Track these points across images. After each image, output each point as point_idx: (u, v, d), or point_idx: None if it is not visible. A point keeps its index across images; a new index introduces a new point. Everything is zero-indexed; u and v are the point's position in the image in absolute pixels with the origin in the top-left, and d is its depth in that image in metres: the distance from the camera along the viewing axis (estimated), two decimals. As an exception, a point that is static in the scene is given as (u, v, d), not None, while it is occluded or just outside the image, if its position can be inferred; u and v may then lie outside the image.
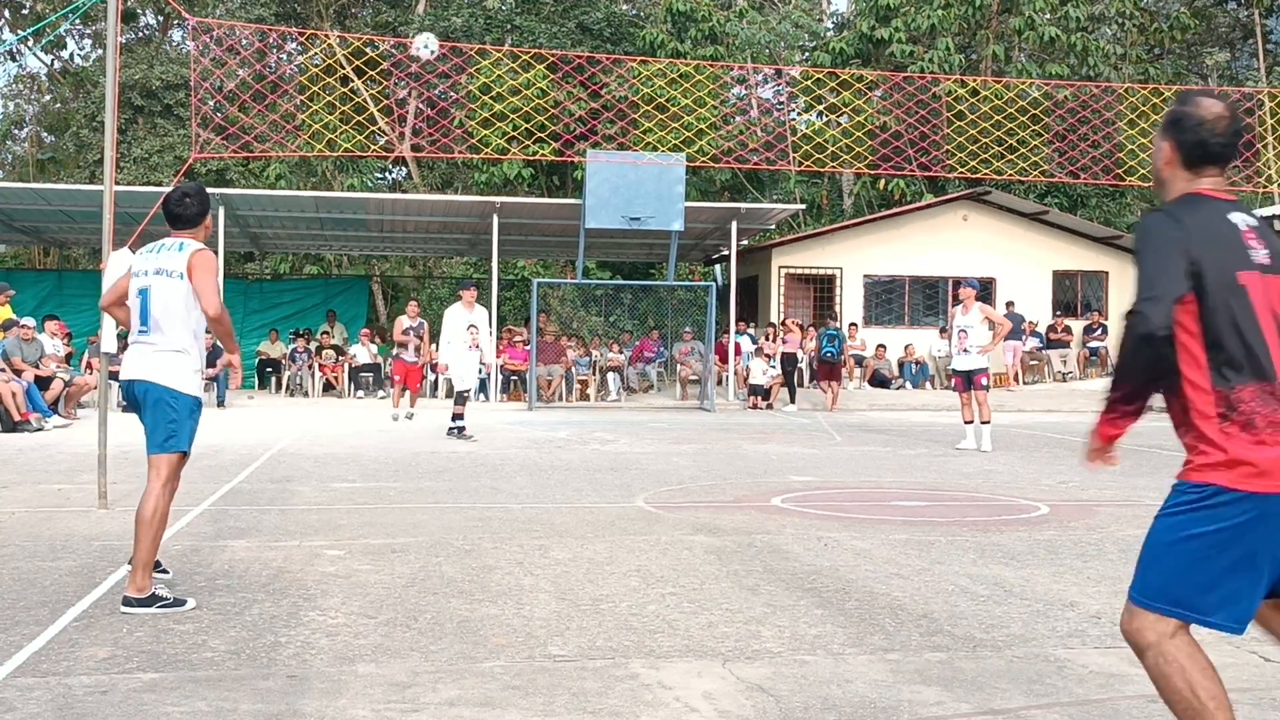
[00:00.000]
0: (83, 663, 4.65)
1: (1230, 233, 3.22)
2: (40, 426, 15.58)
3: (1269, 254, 3.21)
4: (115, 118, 9.18)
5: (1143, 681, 4.54)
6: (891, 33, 32.40)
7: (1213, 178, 3.33)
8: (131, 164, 32.37)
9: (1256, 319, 3.14)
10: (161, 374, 5.67)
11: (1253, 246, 3.20)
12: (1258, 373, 3.12)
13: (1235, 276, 3.15)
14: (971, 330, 14.06)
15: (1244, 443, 3.09)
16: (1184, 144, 3.32)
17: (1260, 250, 3.20)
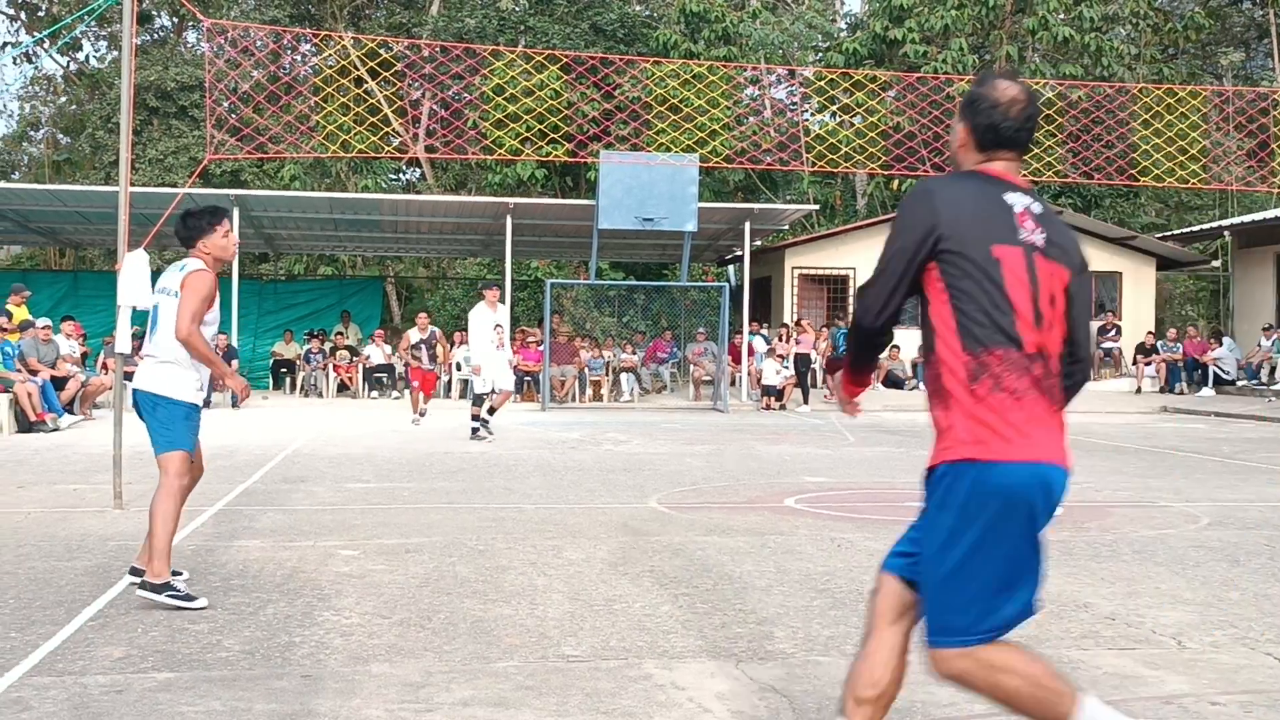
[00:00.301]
0: (98, 662, 4.67)
1: (996, 209, 3.18)
2: (56, 427, 15.65)
3: (1047, 238, 3.18)
4: (130, 119, 9.21)
5: (1156, 683, 4.54)
6: (905, 33, 32.36)
7: (1005, 161, 3.29)
8: (147, 165, 32.49)
9: (1006, 291, 3.11)
10: (156, 383, 5.99)
11: (1024, 226, 3.16)
12: (1007, 340, 3.10)
13: (989, 249, 3.12)
14: None
15: (992, 406, 3.09)
16: (977, 127, 3.27)
17: (1034, 232, 3.17)
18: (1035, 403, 3.09)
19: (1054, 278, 3.19)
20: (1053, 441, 3.12)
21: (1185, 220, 35.72)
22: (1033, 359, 3.11)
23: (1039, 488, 3.08)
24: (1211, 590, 6.21)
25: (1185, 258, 29.68)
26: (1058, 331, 3.19)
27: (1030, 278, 3.14)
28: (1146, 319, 28.67)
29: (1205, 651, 5.01)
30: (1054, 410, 3.14)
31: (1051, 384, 3.14)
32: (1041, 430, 3.09)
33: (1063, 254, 3.22)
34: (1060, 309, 3.20)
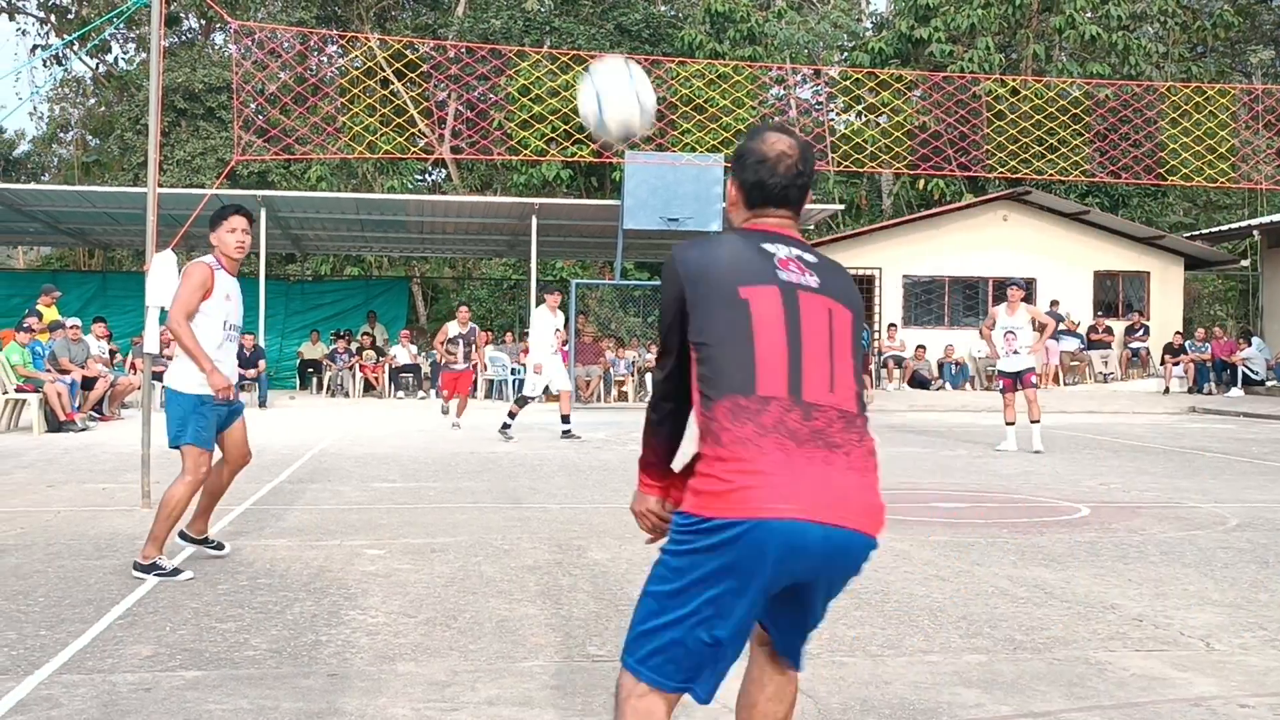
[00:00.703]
0: (126, 660, 4.70)
1: (751, 255, 2.88)
2: (85, 426, 15.76)
3: (818, 281, 2.89)
4: (158, 121, 9.27)
5: (1184, 685, 4.51)
6: (931, 32, 32.26)
7: (777, 219, 3.00)
8: (174, 166, 32.68)
9: (751, 332, 2.78)
10: (168, 377, 6.43)
11: (785, 270, 2.87)
12: (736, 386, 2.77)
13: (736, 291, 2.81)
14: (1020, 331, 13.91)
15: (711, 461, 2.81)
16: (744, 183, 3.00)
17: (800, 274, 2.88)
18: (784, 449, 2.72)
19: (833, 315, 2.88)
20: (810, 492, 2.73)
21: (1213, 220, 35.49)
22: (776, 401, 2.76)
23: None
24: (1240, 592, 6.17)
25: (1213, 257, 29.49)
26: (842, 372, 2.85)
27: (787, 315, 2.82)
28: (1174, 319, 28.50)
29: (1234, 653, 4.98)
30: (828, 461, 2.75)
31: (819, 429, 2.76)
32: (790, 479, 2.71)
33: (840, 295, 2.92)
34: (845, 348, 2.88)
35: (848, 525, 2.73)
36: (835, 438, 2.76)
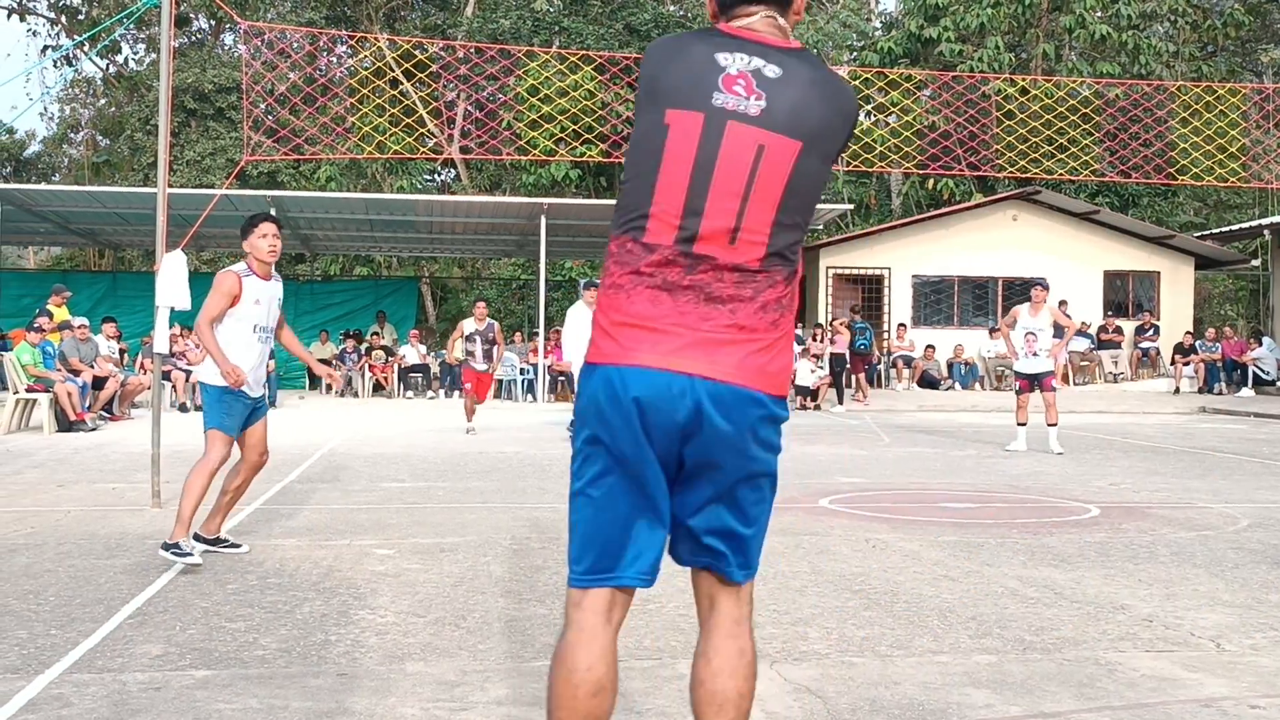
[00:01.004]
0: (137, 659, 4.71)
1: (698, 67, 2.60)
2: (95, 426, 15.79)
3: (767, 105, 2.57)
4: (168, 121, 9.29)
5: (1195, 686, 4.50)
6: (940, 32, 32.23)
7: (758, 16, 2.70)
8: (184, 166, 32.76)
9: (659, 165, 2.58)
10: (200, 372, 6.97)
11: (726, 90, 2.57)
12: (628, 226, 2.63)
13: (663, 113, 2.59)
14: (1041, 333, 13.70)
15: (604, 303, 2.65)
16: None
17: (740, 99, 2.57)
18: (654, 300, 2.57)
19: (764, 152, 2.57)
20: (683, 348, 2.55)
21: (1224, 219, 35.41)
22: (660, 249, 2.57)
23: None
24: (1251, 592, 6.15)
25: (1224, 257, 29.42)
26: (754, 221, 2.57)
27: (701, 149, 2.56)
28: (1185, 319, 28.44)
29: (1245, 654, 4.96)
30: (706, 316, 2.56)
31: (702, 283, 2.55)
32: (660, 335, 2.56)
33: (791, 121, 2.58)
34: (772, 191, 2.57)
35: (715, 376, 2.54)
36: (720, 292, 2.56)
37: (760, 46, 2.65)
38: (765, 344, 2.59)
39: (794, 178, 2.59)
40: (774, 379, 2.61)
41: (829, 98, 2.63)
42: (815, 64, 2.68)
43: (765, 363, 2.59)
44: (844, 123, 2.67)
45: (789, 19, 2.75)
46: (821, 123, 2.61)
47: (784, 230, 2.60)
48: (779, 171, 2.57)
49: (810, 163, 2.60)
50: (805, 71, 2.63)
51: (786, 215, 2.59)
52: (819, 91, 2.62)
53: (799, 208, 2.62)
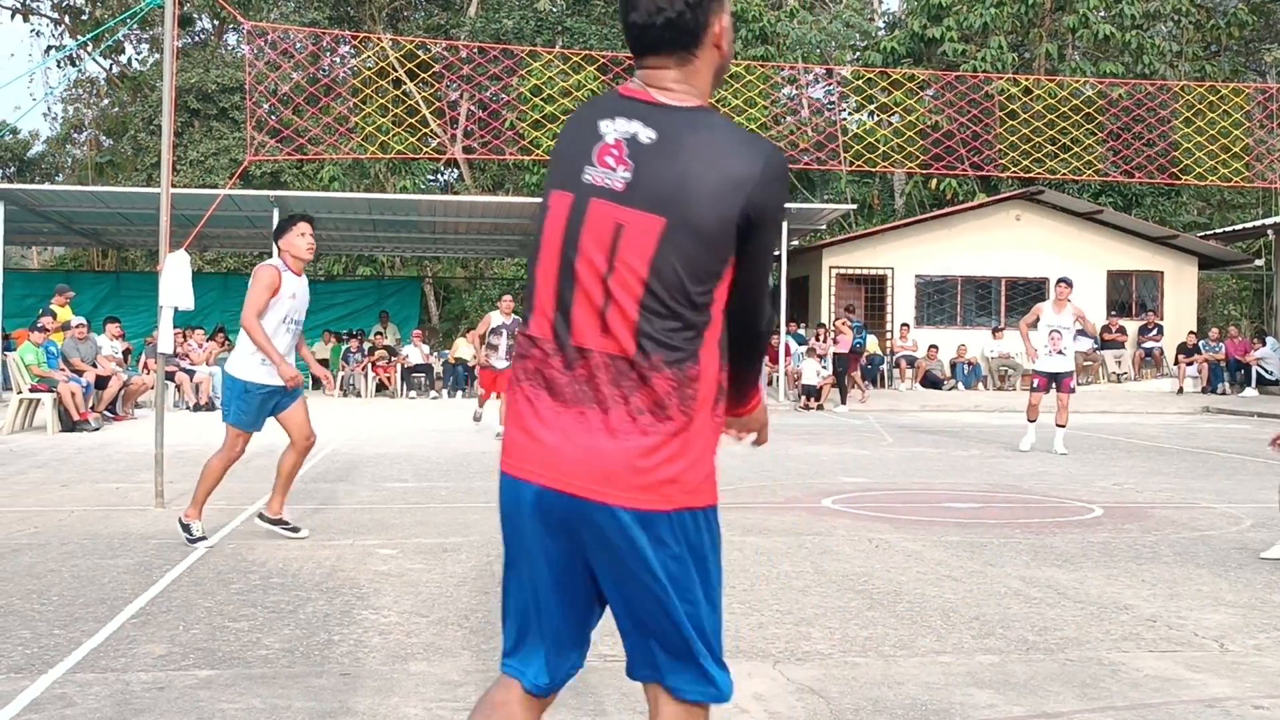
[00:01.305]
0: (140, 659, 4.71)
1: (581, 140, 2.44)
2: (99, 426, 15.81)
3: (632, 178, 2.34)
4: (172, 121, 9.29)
5: (1198, 686, 4.50)
6: (943, 31, 32.21)
7: (654, 70, 2.43)
8: (188, 167, 32.78)
9: (539, 252, 2.44)
10: (228, 364, 7.26)
11: (598, 163, 2.38)
12: (523, 318, 2.48)
13: (549, 194, 2.46)
14: (1065, 332, 13.49)
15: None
16: (622, 25, 2.47)
17: (609, 172, 2.36)
18: (533, 400, 2.41)
19: (622, 231, 2.34)
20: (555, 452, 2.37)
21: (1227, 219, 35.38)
22: (540, 343, 2.42)
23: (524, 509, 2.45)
24: (1255, 592, 6.15)
25: (1227, 257, 29.39)
26: (621, 306, 2.33)
27: (567, 233, 2.39)
28: (1188, 319, 28.42)
29: (1248, 654, 4.96)
30: (582, 418, 2.35)
31: (582, 378, 2.36)
32: (540, 438, 2.39)
33: (654, 195, 2.32)
34: (634, 275, 2.32)
35: (574, 491, 2.33)
36: (599, 390, 2.33)
37: (645, 107, 2.40)
38: (643, 447, 2.31)
39: (657, 259, 2.30)
40: (663, 489, 2.33)
41: (711, 164, 2.31)
42: (707, 125, 2.37)
43: (635, 469, 2.31)
44: (733, 191, 2.30)
45: (698, 61, 2.43)
46: (696, 196, 2.30)
47: (659, 317, 2.32)
48: (639, 253, 2.32)
49: (681, 242, 2.30)
50: (687, 135, 2.34)
51: (657, 301, 2.31)
52: (699, 159, 2.32)
53: (675, 291, 2.31)
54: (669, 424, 2.33)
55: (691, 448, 2.36)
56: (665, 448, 2.32)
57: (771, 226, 2.38)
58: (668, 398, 2.32)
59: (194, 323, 22.14)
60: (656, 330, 2.32)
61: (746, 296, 2.41)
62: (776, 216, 2.39)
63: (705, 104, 2.44)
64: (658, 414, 2.32)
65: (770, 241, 2.39)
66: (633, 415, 2.32)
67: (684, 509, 2.35)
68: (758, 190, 2.32)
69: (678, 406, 2.33)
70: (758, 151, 2.34)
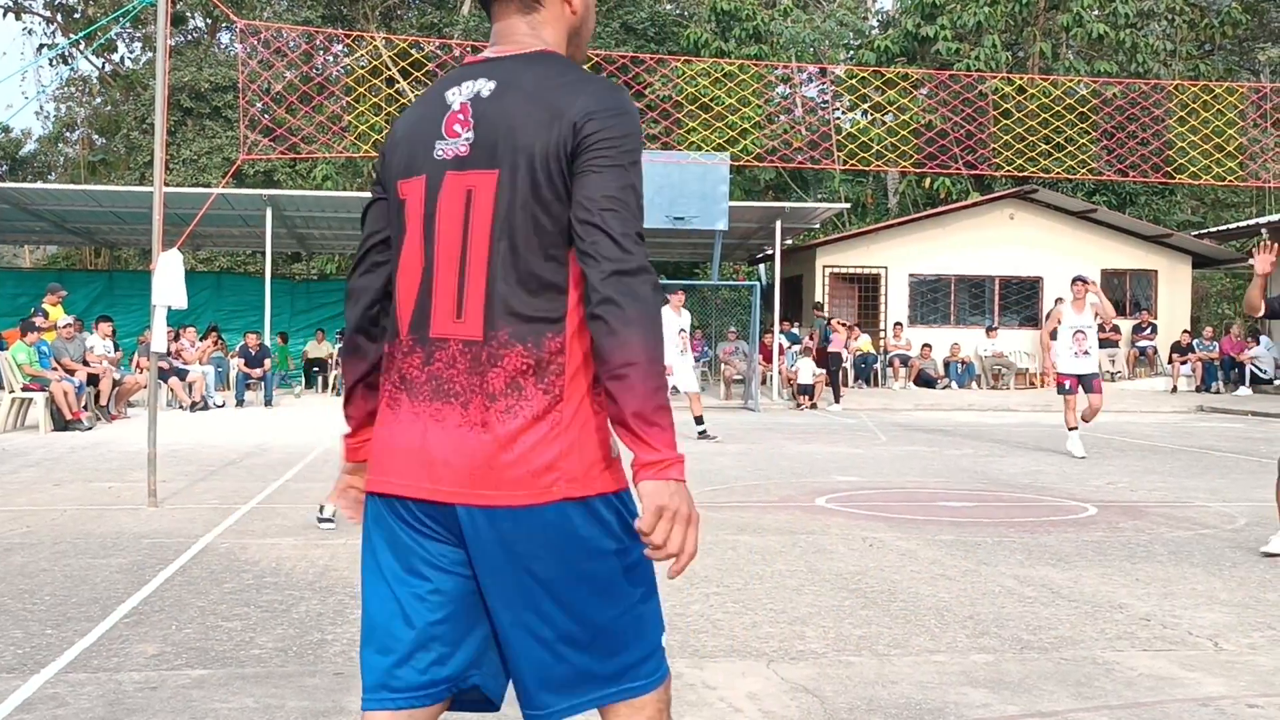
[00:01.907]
0: (132, 659, 4.70)
1: (427, 120, 2.23)
2: (91, 425, 15.77)
3: (472, 141, 2.14)
4: (165, 120, 9.27)
5: (1192, 685, 4.49)
6: (937, 30, 32.23)
7: (501, 26, 2.27)
8: (181, 165, 32.74)
9: (402, 245, 2.21)
10: None
11: (447, 134, 2.17)
12: (392, 329, 2.25)
13: (397, 188, 2.23)
14: (1089, 331, 13.06)
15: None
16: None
17: (455, 140, 2.16)
18: (393, 405, 2.21)
19: (472, 195, 2.13)
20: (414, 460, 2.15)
21: (1221, 218, 35.45)
22: (399, 344, 2.21)
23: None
24: (1249, 591, 6.15)
25: (1221, 255, 29.44)
26: (475, 283, 2.12)
27: (426, 220, 2.18)
28: (1182, 317, 28.46)
29: (1243, 653, 4.96)
30: (437, 411, 2.14)
31: (437, 373, 2.14)
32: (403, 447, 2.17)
33: (491, 147, 2.12)
34: (481, 240, 2.11)
35: (442, 498, 2.11)
36: (455, 383, 2.12)
37: (486, 64, 2.22)
38: (503, 439, 2.08)
39: (497, 219, 2.09)
40: (506, 478, 2.07)
41: (537, 100, 2.11)
42: (542, 61, 2.19)
43: (499, 463, 2.07)
44: (553, 123, 2.08)
45: (544, 12, 2.26)
46: (522, 137, 2.09)
47: (510, 285, 2.09)
48: (483, 217, 2.11)
49: (518, 193, 2.08)
50: (522, 76, 2.16)
51: (506, 268, 2.09)
52: (528, 98, 2.12)
53: (522, 253, 2.09)
54: (529, 406, 2.08)
55: (566, 430, 2.10)
56: (511, 434, 2.07)
57: (598, 165, 2.06)
58: (523, 377, 2.08)
59: (187, 321, 22.11)
60: (509, 303, 2.09)
61: (578, 247, 2.06)
62: (605, 155, 2.06)
63: (548, 48, 2.23)
64: (515, 397, 2.08)
65: (596, 183, 2.05)
66: (488, 403, 2.08)
67: (566, 499, 2.09)
68: (582, 121, 2.06)
69: (535, 385, 2.08)
70: (587, 82, 2.13)
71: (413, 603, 2.17)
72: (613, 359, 2.00)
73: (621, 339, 1.99)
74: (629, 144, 2.09)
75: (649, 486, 2.03)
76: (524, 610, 2.12)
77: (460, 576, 2.17)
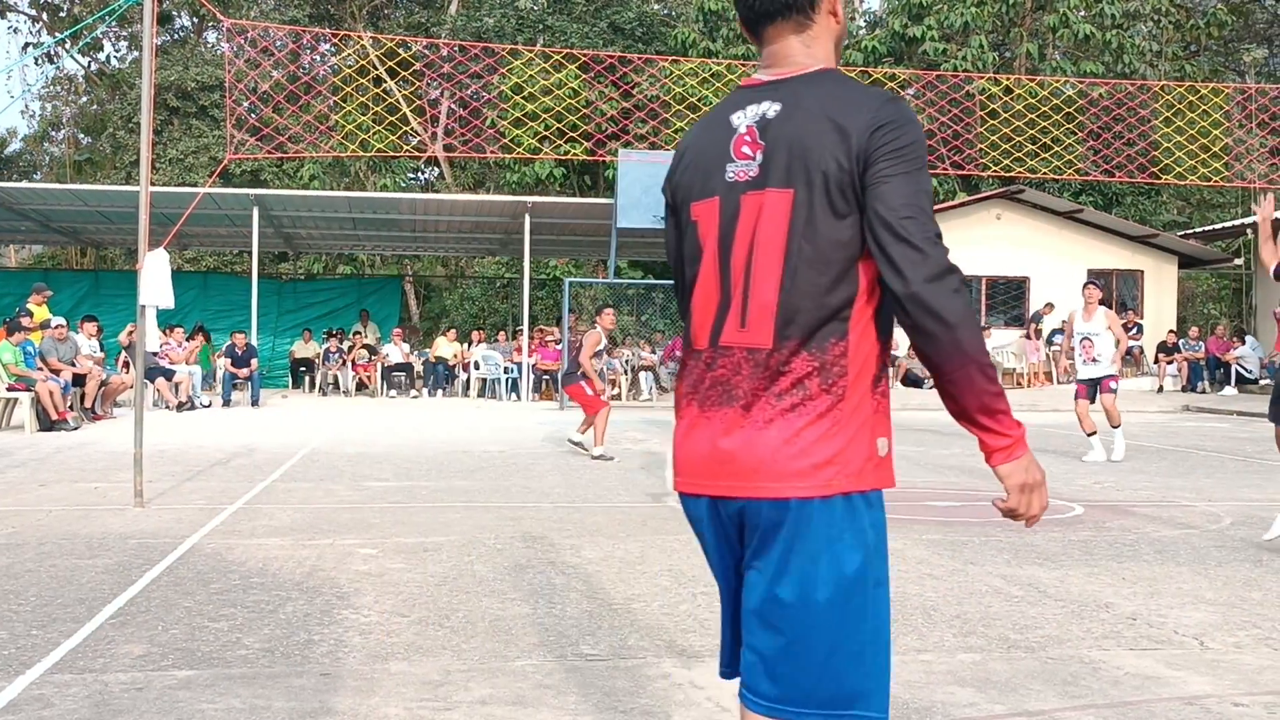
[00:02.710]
0: (119, 660, 4.68)
1: (715, 144, 2.37)
2: (77, 425, 15.72)
3: (764, 158, 2.27)
4: (151, 119, 9.25)
5: (1178, 684, 4.51)
6: (924, 31, 32.27)
7: (775, 45, 2.37)
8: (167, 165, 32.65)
9: (698, 267, 2.37)
10: None
11: (737, 157, 2.31)
12: (686, 338, 2.43)
13: (690, 210, 2.39)
14: (1097, 339, 12.99)
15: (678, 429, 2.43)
16: (735, 5, 2.42)
17: (747, 162, 2.30)
18: (687, 412, 2.38)
19: (764, 218, 2.27)
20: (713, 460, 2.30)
21: (1207, 218, 35.56)
22: (697, 355, 2.37)
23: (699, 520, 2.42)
24: (1234, 591, 6.17)
25: (1207, 256, 29.54)
26: (758, 293, 2.26)
27: (721, 238, 2.33)
28: (1168, 318, 28.55)
29: (1228, 652, 4.97)
30: (724, 418, 2.28)
31: (722, 379, 2.30)
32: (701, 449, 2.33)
33: (785, 167, 2.24)
34: (770, 259, 2.25)
35: (724, 493, 2.28)
36: (739, 387, 2.26)
37: (768, 87, 2.34)
38: (784, 436, 2.22)
39: (791, 235, 2.22)
40: (814, 474, 2.21)
41: (824, 118, 2.22)
42: (823, 79, 2.30)
43: (769, 460, 2.22)
44: (842, 141, 2.19)
45: (816, 28, 2.36)
46: (814, 155, 2.20)
47: (801, 297, 2.22)
48: (773, 233, 2.24)
49: (811, 209, 2.21)
50: (806, 97, 2.27)
51: (799, 280, 2.22)
52: (814, 116, 2.23)
53: (812, 266, 2.22)
54: (814, 405, 2.21)
55: (845, 428, 2.23)
56: (810, 429, 2.21)
57: (888, 173, 2.17)
58: (809, 379, 2.21)
59: (174, 321, 22.05)
60: (799, 312, 2.21)
61: (880, 258, 2.17)
62: (894, 164, 2.17)
63: (827, 67, 2.36)
64: (800, 397, 2.22)
65: (890, 193, 2.16)
66: (774, 403, 2.22)
67: (842, 493, 2.23)
68: (868, 135, 2.18)
69: (819, 387, 2.21)
70: (867, 97, 2.23)
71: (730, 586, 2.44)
72: (945, 365, 2.16)
73: (948, 345, 2.14)
74: (916, 150, 2.20)
75: (1006, 469, 2.27)
76: (778, 588, 2.26)
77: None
